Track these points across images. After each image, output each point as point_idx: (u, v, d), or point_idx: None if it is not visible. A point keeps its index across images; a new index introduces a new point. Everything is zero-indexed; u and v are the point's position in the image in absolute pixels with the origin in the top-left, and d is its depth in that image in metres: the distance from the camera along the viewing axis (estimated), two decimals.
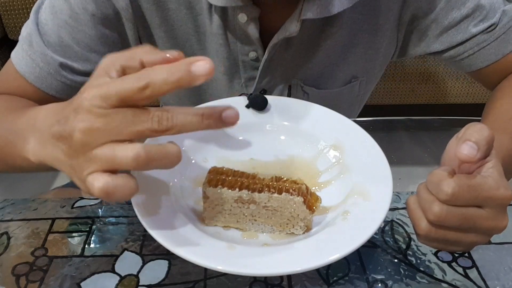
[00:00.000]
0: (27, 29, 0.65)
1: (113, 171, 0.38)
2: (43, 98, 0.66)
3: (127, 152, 0.37)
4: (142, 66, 0.40)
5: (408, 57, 0.78)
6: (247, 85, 0.72)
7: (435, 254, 0.54)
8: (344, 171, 0.54)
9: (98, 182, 0.38)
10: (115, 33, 0.67)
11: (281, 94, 0.73)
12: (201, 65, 0.37)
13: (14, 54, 0.66)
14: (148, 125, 0.38)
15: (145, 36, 0.69)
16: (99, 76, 0.40)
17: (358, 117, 0.84)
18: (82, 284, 0.50)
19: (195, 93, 0.76)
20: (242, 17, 0.63)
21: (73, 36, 0.64)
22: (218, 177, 0.47)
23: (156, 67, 0.38)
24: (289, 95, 0.73)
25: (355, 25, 0.69)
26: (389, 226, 0.57)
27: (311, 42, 0.69)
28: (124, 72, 0.41)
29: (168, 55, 0.40)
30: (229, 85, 0.73)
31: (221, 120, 0.40)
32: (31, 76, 0.65)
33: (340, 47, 0.70)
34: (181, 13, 0.67)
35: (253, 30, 0.65)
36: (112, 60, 0.41)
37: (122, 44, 0.69)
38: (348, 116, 0.60)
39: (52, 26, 0.64)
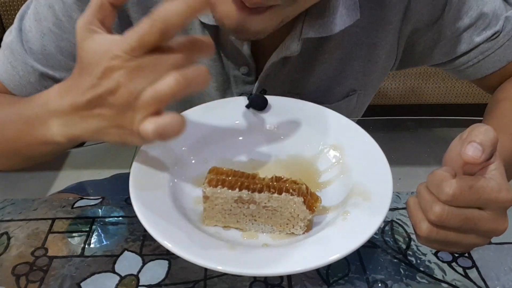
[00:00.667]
0: (10, 36, 0.64)
1: (159, 113, 0.41)
2: None
3: (167, 83, 0.40)
4: (112, 5, 0.45)
5: (410, 68, 0.77)
6: None
7: (435, 254, 0.54)
8: (344, 171, 0.54)
9: (150, 126, 0.41)
10: None
11: None
12: None
13: None
14: (177, 57, 0.42)
15: None
16: (89, 37, 0.44)
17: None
18: (82, 284, 0.50)
19: (186, 106, 0.75)
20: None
21: (57, 44, 0.63)
22: (218, 177, 0.47)
23: (164, 6, 0.40)
24: None
25: (353, 39, 0.67)
26: (389, 226, 0.57)
27: (308, 57, 0.67)
28: (104, 23, 0.45)
29: None
30: None
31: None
32: (11, 84, 0.64)
33: (338, 61, 0.69)
34: None
35: (244, 46, 0.63)
36: (88, 20, 0.44)
37: None
38: None
39: (35, 33, 0.63)
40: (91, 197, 0.62)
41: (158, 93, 0.41)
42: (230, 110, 0.61)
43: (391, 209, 0.59)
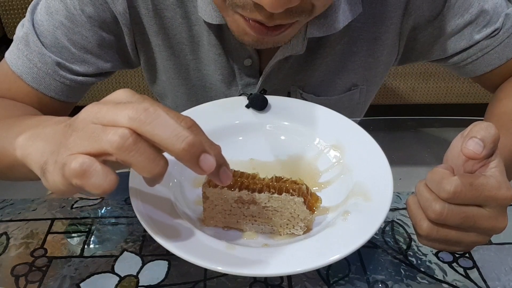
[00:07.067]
0: (23, 29, 0.64)
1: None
2: (41, 100, 0.65)
3: (116, 130, 0.35)
4: None
5: (409, 63, 0.77)
6: (244, 91, 0.72)
7: (436, 254, 0.54)
8: (344, 171, 0.54)
9: (76, 161, 0.35)
10: (112, 36, 0.66)
11: None
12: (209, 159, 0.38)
13: (9, 54, 0.65)
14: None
15: (141, 43, 0.68)
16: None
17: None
18: (81, 284, 0.50)
19: (192, 99, 0.75)
20: None
21: (69, 37, 0.63)
22: None
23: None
24: None
25: (355, 34, 0.68)
26: (389, 227, 0.57)
27: (310, 51, 0.68)
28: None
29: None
30: (226, 93, 0.72)
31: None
32: (29, 76, 0.63)
33: (339, 56, 0.70)
34: (176, 22, 0.66)
35: None
36: None
37: (118, 47, 0.68)
38: None
39: (47, 26, 0.63)
40: (90, 198, 0.62)
41: (103, 134, 0.35)
42: (230, 110, 0.61)
43: (392, 209, 0.59)
